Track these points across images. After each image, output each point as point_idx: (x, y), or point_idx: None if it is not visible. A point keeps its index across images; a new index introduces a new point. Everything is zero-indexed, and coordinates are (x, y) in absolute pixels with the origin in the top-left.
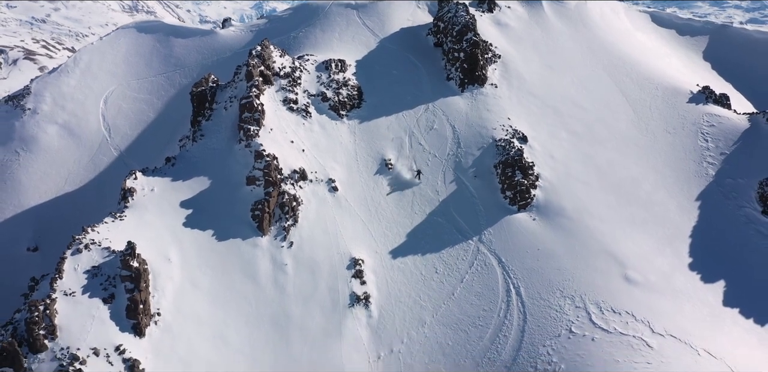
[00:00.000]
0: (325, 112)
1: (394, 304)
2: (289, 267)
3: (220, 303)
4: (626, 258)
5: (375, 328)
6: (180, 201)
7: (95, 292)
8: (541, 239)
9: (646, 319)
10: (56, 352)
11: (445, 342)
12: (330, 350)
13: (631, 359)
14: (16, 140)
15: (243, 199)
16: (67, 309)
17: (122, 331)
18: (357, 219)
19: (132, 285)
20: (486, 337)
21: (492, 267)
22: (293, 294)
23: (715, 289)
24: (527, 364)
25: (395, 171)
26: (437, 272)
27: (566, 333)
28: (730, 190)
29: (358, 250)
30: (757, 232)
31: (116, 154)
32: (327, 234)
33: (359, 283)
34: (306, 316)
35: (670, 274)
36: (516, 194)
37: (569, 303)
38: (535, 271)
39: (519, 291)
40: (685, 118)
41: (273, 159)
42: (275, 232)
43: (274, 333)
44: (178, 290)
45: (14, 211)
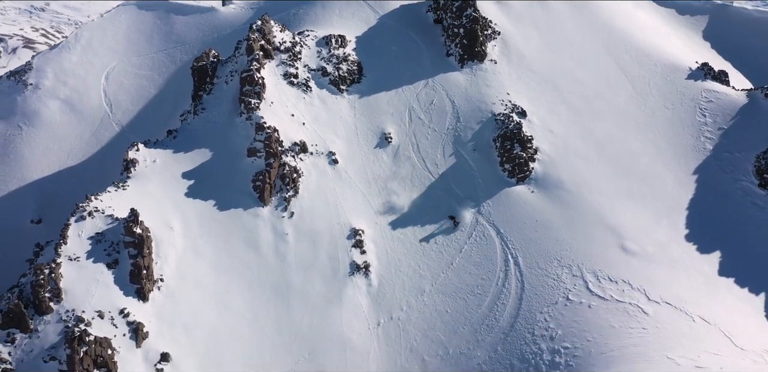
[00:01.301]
0: (325, 87)
1: (394, 273)
2: (290, 236)
3: (223, 270)
4: (624, 229)
5: (375, 296)
6: (182, 172)
7: (99, 258)
8: (539, 211)
9: (642, 287)
10: (62, 314)
11: (443, 310)
12: (330, 317)
13: (626, 325)
14: (19, 115)
15: (244, 171)
16: (72, 273)
17: (126, 295)
18: (357, 191)
19: (135, 251)
20: (484, 304)
21: (490, 238)
22: (294, 262)
23: (711, 260)
24: (525, 330)
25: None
26: (436, 243)
27: (563, 300)
28: (727, 164)
29: (358, 220)
30: (753, 205)
31: (118, 129)
32: (327, 205)
33: (359, 253)
34: (307, 283)
35: (667, 244)
36: (515, 167)
37: (566, 272)
38: (533, 242)
39: (517, 261)
40: (683, 94)
41: (274, 131)
42: (276, 203)
43: (276, 300)
44: (180, 257)
45: (18, 184)
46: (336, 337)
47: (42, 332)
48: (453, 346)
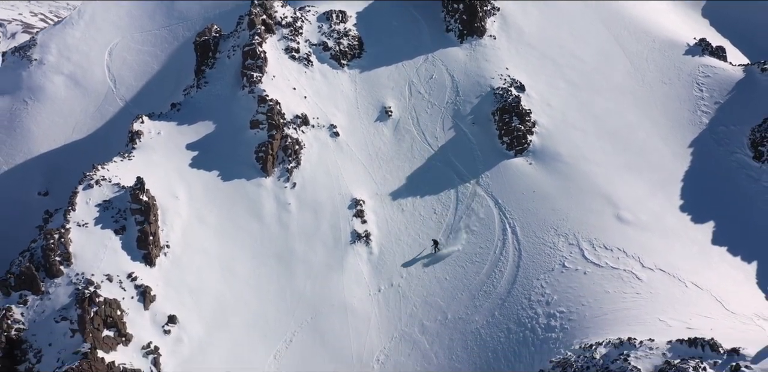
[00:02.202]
0: (326, 61)
1: (394, 242)
2: (292, 206)
3: (227, 238)
4: (619, 200)
5: (375, 263)
6: (186, 143)
7: (107, 224)
8: (536, 182)
9: (637, 254)
10: (71, 277)
11: (442, 277)
12: (332, 283)
13: (620, 290)
14: (24, 90)
15: (247, 142)
16: (81, 238)
17: (133, 260)
18: (358, 163)
19: (142, 217)
20: (482, 272)
21: (489, 208)
22: (297, 231)
23: (705, 229)
24: (521, 296)
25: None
26: (435, 213)
27: (559, 268)
28: (722, 137)
29: (359, 191)
30: (747, 177)
31: (122, 104)
32: (329, 176)
33: (360, 222)
34: (309, 251)
35: (662, 214)
36: (513, 140)
37: (563, 240)
38: (531, 212)
39: (515, 230)
40: (681, 70)
41: (276, 104)
42: (279, 174)
43: (279, 267)
44: (186, 225)
45: (24, 157)
46: (338, 303)
47: (53, 294)
48: (452, 312)
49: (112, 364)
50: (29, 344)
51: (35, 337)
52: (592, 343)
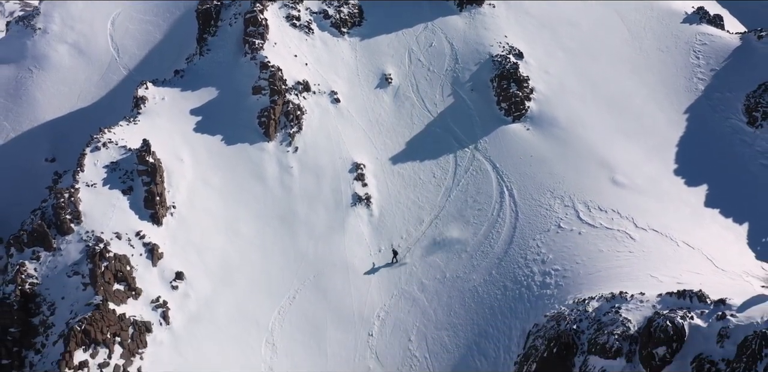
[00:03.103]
0: (327, 29)
1: (394, 205)
2: (294, 169)
3: (231, 200)
4: (615, 163)
5: (376, 225)
6: (189, 109)
7: (114, 185)
8: (534, 147)
9: (631, 216)
10: (82, 234)
11: (441, 238)
12: (334, 244)
13: (614, 249)
14: (29, 58)
15: (249, 107)
16: (90, 198)
17: (141, 219)
18: (358, 128)
19: (148, 178)
20: (480, 233)
21: (487, 172)
22: (299, 194)
23: (698, 192)
24: (518, 255)
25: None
26: (435, 177)
27: (555, 228)
28: (717, 104)
29: (359, 156)
30: (741, 141)
31: (125, 72)
32: (330, 141)
33: (361, 185)
34: (311, 213)
35: (656, 178)
36: (511, 106)
37: (559, 203)
38: (528, 176)
39: (512, 193)
40: (678, 38)
41: (277, 70)
42: (281, 138)
43: (282, 228)
44: (191, 187)
45: (31, 124)
46: (339, 262)
47: (64, 250)
48: (450, 271)
49: (123, 315)
50: (43, 298)
51: (48, 291)
52: (585, 298)
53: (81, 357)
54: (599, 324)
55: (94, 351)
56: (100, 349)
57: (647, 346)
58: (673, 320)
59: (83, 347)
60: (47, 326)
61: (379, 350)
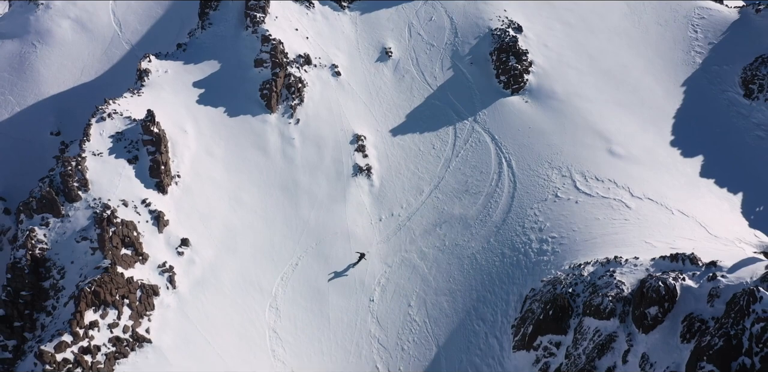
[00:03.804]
0: (327, 3)
1: (394, 175)
2: (296, 141)
3: (234, 170)
4: (612, 135)
5: (376, 195)
6: (192, 81)
7: (120, 154)
8: (532, 119)
9: (627, 185)
10: (89, 201)
11: (441, 207)
12: (335, 213)
13: (610, 217)
14: (32, 33)
15: (252, 80)
16: (97, 166)
17: (147, 187)
18: (359, 101)
19: (153, 148)
20: (479, 202)
21: (486, 143)
22: (301, 164)
23: (694, 163)
24: (515, 223)
25: None
26: (434, 148)
27: (552, 198)
28: (714, 76)
29: (360, 128)
30: (737, 113)
31: (128, 47)
32: (331, 113)
33: (362, 156)
34: (313, 183)
35: (653, 149)
36: (510, 79)
37: (556, 173)
38: (526, 147)
39: (510, 163)
40: (676, 12)
41: (279, 43)
42: (283, 110)
43: (284, 197)
44: (194, 157)
45: (35, 99)
46: (341, 231)
47: (72, 217)
48: (449, 239)
49: (130, 279)
50: (53, 262)
51: (58, 255)
52: (580, 263)
53: (91, 317)
54: (594, 287)
55: (103, 312)
56: (110, 310)
57: (640, 307)
58: (665, 281)
59: (93, 308)
60: (57, 289)
61: (380, 315)
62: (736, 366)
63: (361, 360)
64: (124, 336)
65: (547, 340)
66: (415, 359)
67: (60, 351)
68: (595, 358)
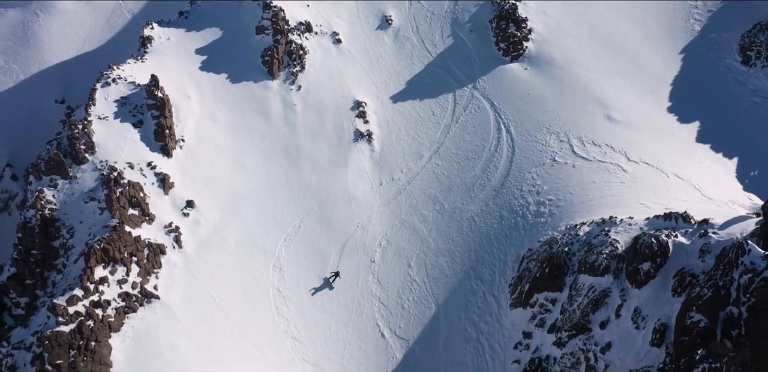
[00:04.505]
0: None
1: (395, 141)
2: (298, 107)
3: (237, 135)
4: (610, 101)
5: (377, 160)
6: (195, 48)
7: (125, 118)
8: (531, 85)
9: (623, 150)
10: (96, 164)
11: (440, 172)
12: (337, 177)
13: (606, 180)
14: (35, 2)
15: (253, 47)
16: (102, 130)
17: (152, 151)
18: (360, 68)
19: (158, 112)
20: (478, 167)
21: (485, 110)
22: (302, 130)
23: (690, 129)
24: (514, 187)
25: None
26: (434, 114)
27: (550, 162)
28: (713, 44)
29: (361, 94)
30: (734, 80)
31: (129, 17)
32: (332, 80)
33: (362, 122)
34: (315, 148)
35: (650, 115)
36: (509, 46)
37: (554, 138)
38: (525, 113)
39: (509, 129)
40: None
41: (280, 10)
42: (284, 77)
43: (286, 162)
44: (198, 122)
45: (39, 67)
46: (342, 194)
47: (80, 179)
48: (448, 202)
49: (138, 237)
50: (62, 222)
51: (67, 216)
52: (577, 224)
53: (101, 273)
54: (589, 246)
55: (113, 268)
56: (118, 267)
57: (633, 263)
58: (658, 238)
59: (102, 264)
60: (67, 248)
61: (381, 275)
62: (724, 315)
63: (363, 318)
64: (133, 292)
65: (543, 297)
66: (415, 317)
67: (72, 304)
68: (589, 313)
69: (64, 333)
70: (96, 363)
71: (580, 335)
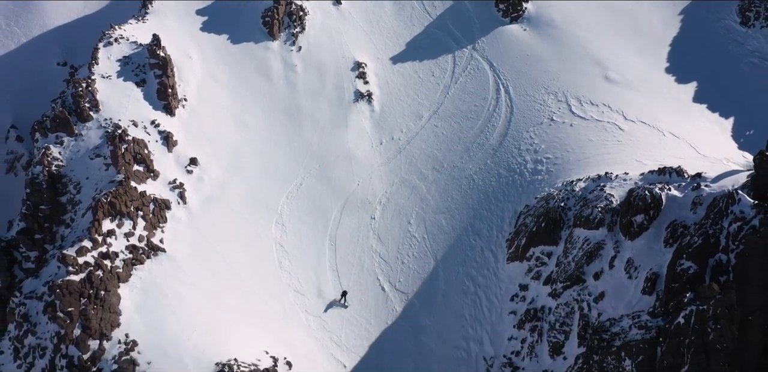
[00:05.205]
0: None
1: (394, 101)
2: (298, 67)
3: (238, 95)
4: (608, 61)
5: (377, 120)
6: (196, 9)
7: (128, 77)
8: (530, 46)
9: (621, 109)
10: (101, 121)
11: (440, 132)
12: (337, 137)
13: (603, 139)
14: None
15: (254, 8)
16: (106, 88)
17: (155, 109)
18: (360, 30)
19: (160, 71)
20: (476, 126)
21: (484, 70)
22: (303, 90)
23: (688, 89)
24: (512, 146)
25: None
26: (433, 75)
27: (548, 121)
28: (712, 4)
29: (361, 55)
30: (732, 41)
31: None
32: (332, 41)
33: (362, 83)
34: (315, 108)
35: (648, 75)
36: (508, 7)
37: (552, 98)
38: (524, 73)
39: (508, 89)
40: None
41: None
42: (285, 38)
43: (287, 121)
44: (200, 82)
45: (41, 30)
46: (343, 153)
47: (85, 136)
48: (447, 161)
49: (143, 193)
50: (69, 178)
51: (73, 172)
52: (573, 180)
53: (108, 226)
54: (585, 201)
55: (120, 222)
56: (125, 220)
57: (627, 215)
58: (652, 191)
59: (110, 218)
60: (74, 203)
61: (381, 232)
62: (713, 262)
63: (363, 272)
64: (139, 245)
65: (539, 250)
66: (415, 272)
67: (81, 255)
68: (584, 265)
69: (74, 282)
70: (106, 311)
71: (575, 286)
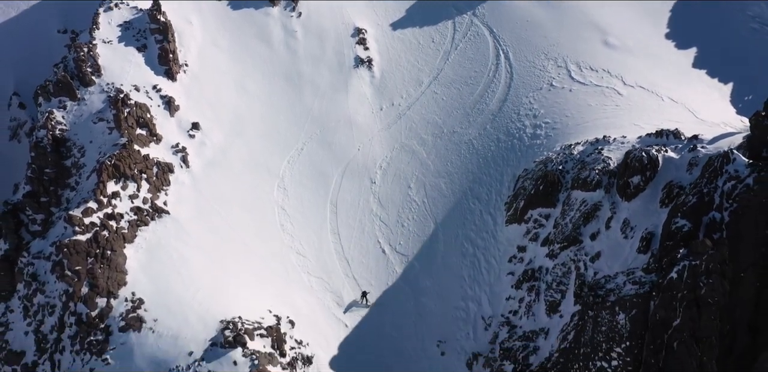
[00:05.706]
0: None
1: (394, 67)
2: (298, 33)
3: (239, 60)
4: (608, 27)
5: (377, 86)
6: None
7: (129, 42)
8: (530, 13)
9: (620, 74)
10: (103, 86)
11: (440, 97)
12: (338, 102)
13: (602, 103)
14: None
15: None
16: (108, 53)
17: (156, 74)
18: None
19: (161, 36)
20: (476, 92)
21: (484, 36)
22: (303, 56)
23: (687, 54)
24: (511, 111)
25: None
26: (434, 41)
27: (547, 87)
28: None
29: (361, 21)
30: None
31: None
32: (332, 7)
33: (362, 49)
34: (316, 74)
35: (647, 41)
36: None
37: (552, 63)
38: (524, 39)
39: (507, 55)
40: None
41: None
42: (285, 4)
43: (288, 86)
44: (201, 48)
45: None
46: (343, 119)
47: (88, 100)
48: (447, 126)
49: (147, 156)
50: (72, 142)
51: (77, 136)
52: (571, 144)
53: (113, 188)
54: (582, 164)
55: (124, 184)
56: (129, 183)
57: (623, 176)
58: (648, 152)
59: (114, 180)
60: (79, 167)
61: (381, 196)
62: (707, 220)
63: (364, 235)
64: (144, 206)
65: (537, 213)
66: (415, 235)
67: (87, 215)
68: (581, 226)
69: (81, 241)
70: (112, 270)
71: (572, 247)
